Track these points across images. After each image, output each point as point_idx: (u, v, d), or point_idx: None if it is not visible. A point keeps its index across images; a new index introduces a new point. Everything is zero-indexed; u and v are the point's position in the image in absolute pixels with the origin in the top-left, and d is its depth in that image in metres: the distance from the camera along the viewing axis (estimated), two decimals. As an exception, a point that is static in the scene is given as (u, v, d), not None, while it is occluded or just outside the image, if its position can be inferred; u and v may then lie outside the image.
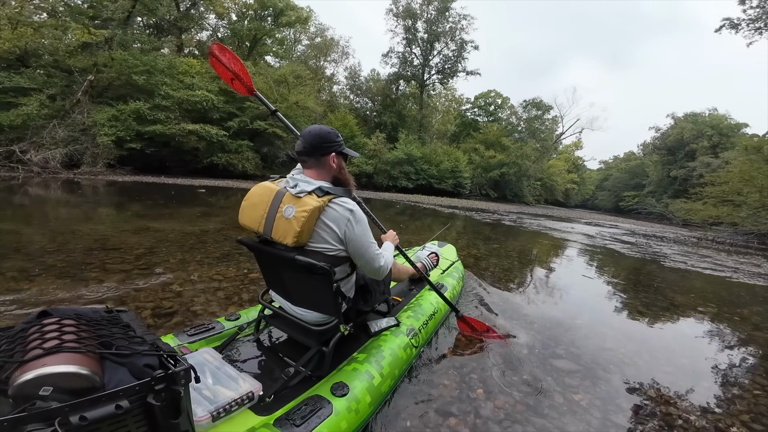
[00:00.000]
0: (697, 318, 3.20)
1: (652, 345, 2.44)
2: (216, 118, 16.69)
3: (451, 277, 2.57)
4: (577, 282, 4.22)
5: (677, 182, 35.08)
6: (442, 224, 8.31)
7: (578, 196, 59.18)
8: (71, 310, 0.82)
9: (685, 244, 10.22)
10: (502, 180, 35.04)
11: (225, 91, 17.31)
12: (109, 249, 3.33)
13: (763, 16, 17.78)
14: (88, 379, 0.65)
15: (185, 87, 15.69)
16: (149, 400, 0.69)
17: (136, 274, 2.70)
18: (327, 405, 1.11)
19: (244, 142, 17.21)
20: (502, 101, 41.65)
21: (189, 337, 1.43)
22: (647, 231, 14.87)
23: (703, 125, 34.77)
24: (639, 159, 49.95)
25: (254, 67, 19.79)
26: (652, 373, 1.98)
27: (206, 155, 16.16)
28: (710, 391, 1.87)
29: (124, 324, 0.87)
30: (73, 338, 0.71)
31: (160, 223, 4.91)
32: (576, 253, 6.63)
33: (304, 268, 1.16)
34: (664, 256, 6.98)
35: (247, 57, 22.80)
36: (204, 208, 7.23)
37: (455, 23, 33.56)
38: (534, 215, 17.50)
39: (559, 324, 2.58)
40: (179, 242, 3.88)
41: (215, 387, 1.07)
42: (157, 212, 6.05)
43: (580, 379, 1.81)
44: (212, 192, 10.99)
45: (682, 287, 4.52)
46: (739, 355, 2.49)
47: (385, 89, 34.07)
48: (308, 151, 1.24)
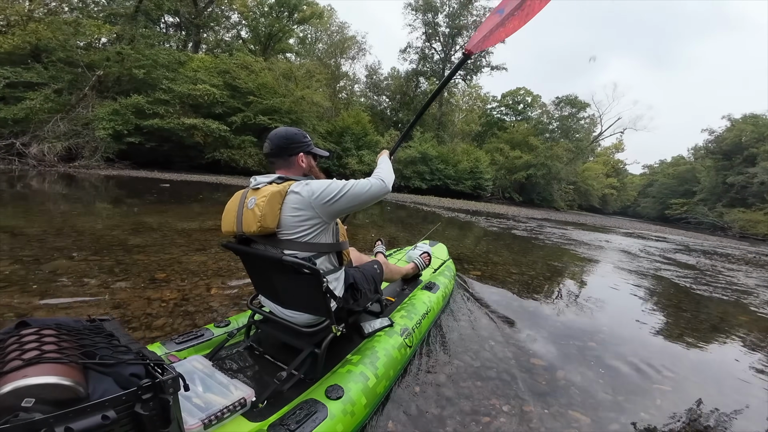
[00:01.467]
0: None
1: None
2: (219, 113, 16.34)
3: (443, 276, 2.56)
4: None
5: (734, 190, 31.09)
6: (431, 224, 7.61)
7: (617, 203, 54.62)
8: (51, 320, 0.81)
9: (762, 266, 7.85)
10: (529, 183, 32.79)
11: (230, 86, 16.97)
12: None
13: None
14: (71, 390, 0.64)
15: (188, 81, 15.40)
16: (137, 409, 0.69)
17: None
18: (322, 408, 1.09)
19: (247, 138, 16.75)
20: (532, 99, 39.15)
21: (177, 345, 1.39)
22: (704, 245, 12.28)
23: (764, 128, 30.31)
24: (689, 164, 45.03)
25: (265, 62, 19.42)
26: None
27: (209, 150, 15.80)
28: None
29: (108, 333, 0.86)
30: (53, 348, 0.70)
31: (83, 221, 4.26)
32: (605, 292, 3.83)
33: (291, 268, 1.15)
34: (753, 294, 4.42)
35: (263, 54, 22.62)
36: (152, 206, 6.39)
37: (479, 16, 31.78)
38: (561, 223, 15.42)
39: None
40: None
41: (206, 394, 1.05)
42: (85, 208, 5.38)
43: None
44: (196, 189, 10.31)
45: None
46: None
47: (404, 86, 33.10)
48: (275, 152, 1.29)
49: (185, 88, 14.94)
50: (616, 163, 51.77)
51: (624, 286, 4.06)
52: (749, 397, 1.88)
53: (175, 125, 14.27)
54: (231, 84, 17.07)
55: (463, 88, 38.02)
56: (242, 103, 17.00)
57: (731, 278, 5.42)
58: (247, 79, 17.12)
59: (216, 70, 17.14)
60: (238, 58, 18.18)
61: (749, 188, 28.90)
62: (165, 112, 14.40)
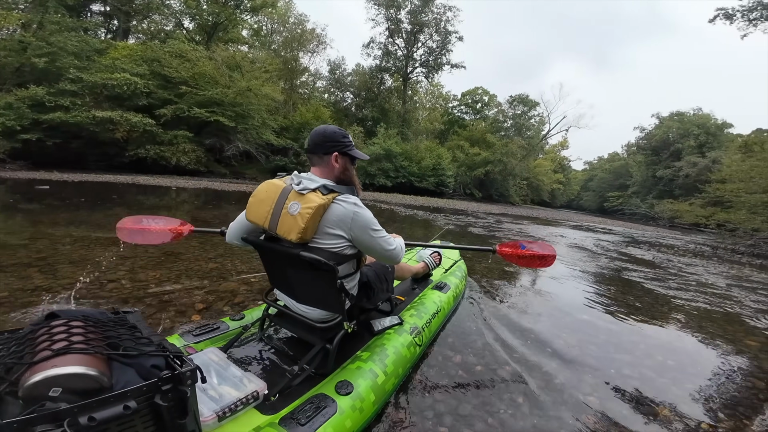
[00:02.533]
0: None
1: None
2: (145, 104, 14.19)
3: (453, 276, 2.54)
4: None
5: (662, 182, 34.76)
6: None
7: (564, 197, 58.92)
8: (79, 312, 0.83)
9: (705, 256, 8.26)
10: (487, 179, 33.88)
11: (159, 75, 14.89)
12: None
13: (758, 6, 16.68)
14: (96, 380, 0.65)
15: (104, 70, 13.16)
16: (156, 400, 0.70)
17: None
18: (332, 404, 1.11)
19: (180, 133, 14.70)
20: (489, 98, 40.60)
21: (194, 338, 1.43)
22: (646, 236, 13.16)
23: (689, 124, 34.31)
24: (623, 159, 49.80)
25: (206, 51, 17.36)
26: None
27: (133, 147, 13.66)
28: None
29: (131, 325, 0.88)
30: (81, 339, 0.71)
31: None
32: (566, 306, 2.99)
33: (308, 264, 1.16)
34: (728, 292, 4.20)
35: (207, 44, 20.32)
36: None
37: (440, 14, 32.11)
38: (517, 217, 15.73)
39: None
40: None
41: (221, 387, 1.07)
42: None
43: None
44: (102, 191, 8.49)
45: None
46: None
47: (368, 82, 32.54)
48: (312, 148, 1.28)
49: (98, 77, 12.67)
50: (562, 160, 55.78)
51: (597, 287, 3.69)
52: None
53: (83, 119, 12.01)
54: (160, 73, 14.96)
55: (426, 87, 38.43)
56: (174, 95, 14.98)
57: (699, 276, 5.43)
58: (180, 68, 15.12)
59: (142, 59, 14.91)
60: (172, 46, 16.02)
61: (676, 181, 32.53)
62: (72, 105, 12.07)
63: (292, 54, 28.82)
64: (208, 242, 3.85)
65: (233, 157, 17.16)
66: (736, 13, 17.33)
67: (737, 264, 7.28)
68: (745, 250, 10.17)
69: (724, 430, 1.51)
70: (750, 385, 1.93)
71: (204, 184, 12.74)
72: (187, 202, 8.00)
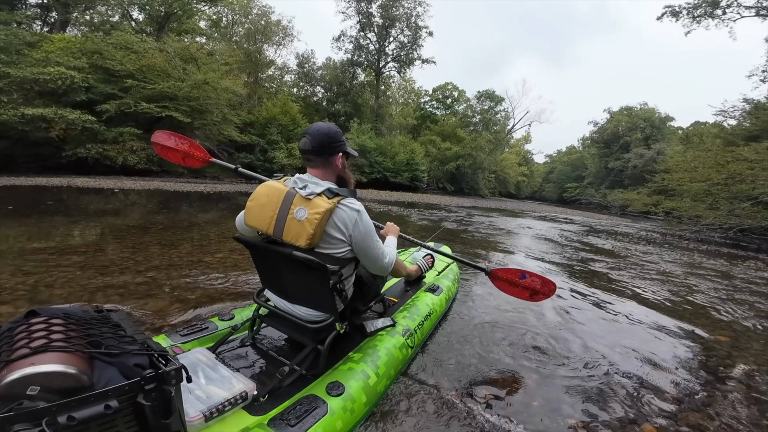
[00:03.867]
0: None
1: None
2: (83, 100, 12.68)
3: (446, 278, 2.54)
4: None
5: (614, 173, 37.45)
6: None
7: (528, 189, 61.86)
8: (59, 310, 0.80)
9: (657, 243, 8.89)
10: (459, 173, 34.61)
11: (101, 68, 13.35)
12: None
13: (704, 3, 18.17)
14: (76, 379, 0.64)
15: (36, 64, 11.56)
16: (139, 400, 0.69)
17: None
18: (322, 404, 1.09)
19: (126, 130, 13.31)
20: (458, 94, 41.35)
21: (182, 337, 1.40)
22: (604, 225, 14.07)
23: (636, 118, 37.19)
24: (579, 152, 53.09)
25: (156, 43, 15.80)
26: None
27: (71, 146, 12.16)
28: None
29: (114, 323, 0.86)
30: (61, 337, 0.70)
31: None
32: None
33: (302, 265, 1.15)
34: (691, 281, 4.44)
35: (157, 35, 18.49)
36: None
37: (410, 9, 32.11)
38: (486, 210, 16.23)
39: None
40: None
41: (208, 387, 1.05)
42: None
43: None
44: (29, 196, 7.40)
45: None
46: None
47: (339, 77, 31.66)
48: (317, 150, 1.22)
49: (29, 72, 11.11)
50: (526, 153, 58.60)
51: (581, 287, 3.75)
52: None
53: (9, 117, 10.47)
54: (102, 66, 13.39)
55: (399, 82, 38.30)
56: (118, 89, 13.50)
57: (652, 264, 5.79)
58: (125, 60, 13.65)
59: (81, 51, 13.25)
60: (117, 38, 14.40)
61: (625, 171, 35.23)
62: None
63: (256, 47, 27.16)
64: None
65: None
66: (682, 11, 18.84)
67: (686, 250, 7.93)
68: (691, 236, 11.14)
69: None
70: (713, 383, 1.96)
71: (155, 185, 11.66)
72: (132, 206, 7.17)
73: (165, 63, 14.70)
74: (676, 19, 19.32)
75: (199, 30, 23.47)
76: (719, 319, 3.04)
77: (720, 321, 2.99)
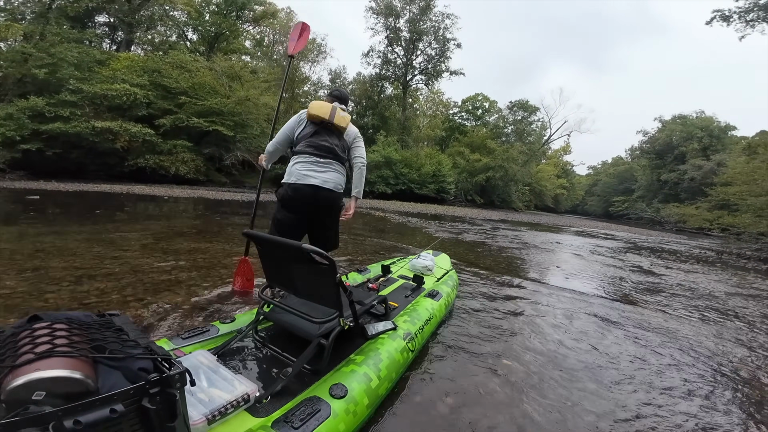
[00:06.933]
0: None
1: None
2: (144, 115, 14.39)
3: (445, 285, 2.58)
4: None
5: (667, 186, 34.24)
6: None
7: (568, 202, 58.37)
8: (62, 315, 0.82)
9: (708, 262, 7.86)
10: (489, 185, 33.58)
11: (159, 85, 15.12)
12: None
13: (755, 7, 16.49)
14: (81, 384, 0.65)
15: (105, 81, 13.40)
16: (144, 403, 0.69)
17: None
18: (325, 407, 1.10)
19: (179, 142, 14.86)
20: (489, 104, 40.67)
21: (183, 341, 1.42)
22: (650, 242, 12.83)
23: (692, 127, 33.90)
24: (627, 163, 49.29)
25: (207, 62, 17.69)
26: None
27: (133, 157, 13.80)
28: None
29: (117, 328, 0.87)
30: (65, 342, 0.70)
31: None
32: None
33: (309, 258, 1.22)
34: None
35: (208, 54, 20.74)
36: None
37: (438, 22, 32.42)
38: (516, 224, 15.49)
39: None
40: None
41: (210, 390, 1.06)
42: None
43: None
44: (97, 201, 8.52)
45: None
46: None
47: (368, 90, 32.85)
48: (344, 98, 2.26)
49: (99, 88, 12.89)
50: (565, 165, 55.42)
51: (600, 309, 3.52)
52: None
53: (82, 129, 12.19)
54: (161, 84, 15.22)
55: (427, 94, 38.68)
56: (174, 105, 15.19)
57: (693, 285, 5.19)
58: (180, 78, 15.39)
59: (143, 69, 15.19)
60: (173, 57, 16.36)
61: (681, 184, 32.03)
62: (71, 115, 12.25)
63: (293, 64, 29.30)
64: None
65: (233, 165, 17.25)
66: (732, 15, 17.16)
67: (741, 270, 7.02)
68: (752, 254, 9.85)
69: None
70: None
71: (200, 193, 12.79)
72: (167, 216, 7.95)
73: (213, 81, 16.36)
74: (727, 24, 17.56)
75: (245, 49, 25.79)
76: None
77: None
